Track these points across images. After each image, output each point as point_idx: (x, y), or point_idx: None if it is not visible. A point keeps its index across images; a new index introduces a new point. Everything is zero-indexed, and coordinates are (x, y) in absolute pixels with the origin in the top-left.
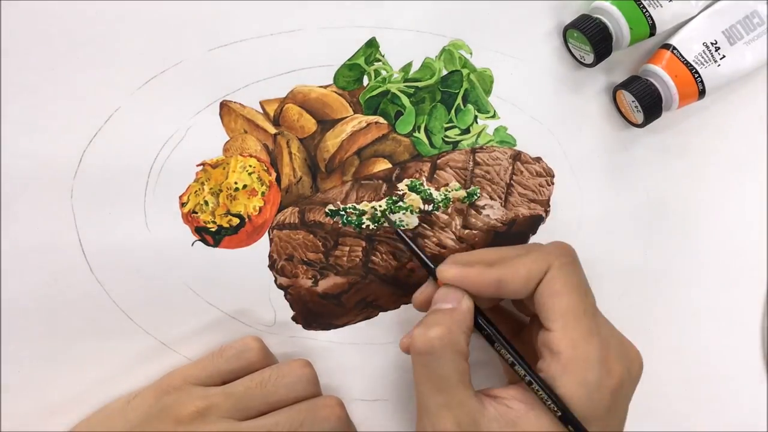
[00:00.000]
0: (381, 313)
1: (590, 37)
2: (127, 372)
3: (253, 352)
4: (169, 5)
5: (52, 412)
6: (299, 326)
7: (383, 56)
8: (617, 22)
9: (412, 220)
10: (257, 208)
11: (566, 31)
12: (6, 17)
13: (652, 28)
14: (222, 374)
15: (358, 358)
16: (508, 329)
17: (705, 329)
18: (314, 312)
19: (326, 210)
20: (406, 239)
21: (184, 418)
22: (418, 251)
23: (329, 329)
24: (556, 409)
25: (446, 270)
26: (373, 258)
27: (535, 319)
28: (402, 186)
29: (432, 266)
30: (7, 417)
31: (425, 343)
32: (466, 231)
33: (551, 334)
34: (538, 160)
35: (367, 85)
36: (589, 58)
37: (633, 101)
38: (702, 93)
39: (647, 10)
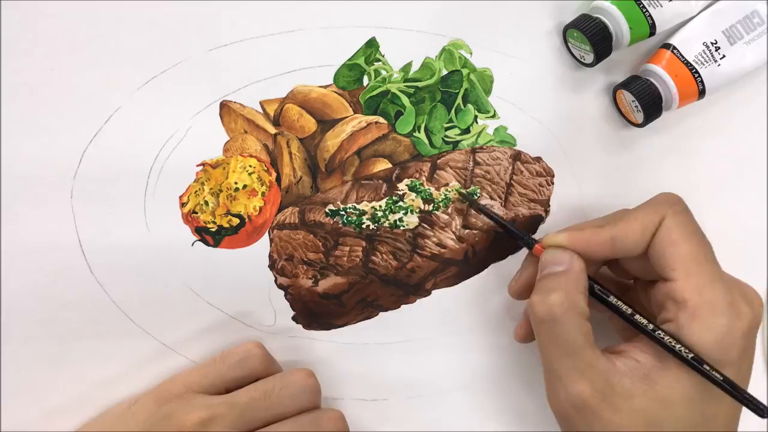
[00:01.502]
0: (381, 313)
1: (590, 37)
2: (126, 372)
3: (257, 360)
4: (169, 5)
5: (52, 413)
6: (299, 326)
7: (383, 56)
8: (617, 21)
9: (412, 220)
10: (257, 208)
11: (566, 31)
12: (6, 17)
13: (652, 27)
14: (225, 382)
15: (358, 358)
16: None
17: None
18: (314, 312)
19: (326, 210)
20: (492, 214)
21: (187, 428)
22: (509, 225)
23: (329, 329)
24: (687, 357)
25: (556, 235)
26: (373, 258)
27: (639, 281)
28: (402, 186)
29: (530, 238)
30: (7, 417)
31: (547, 310)
32: (466, 231)
33: (674, 284)
34: (538, 159)
35: (367, 85)
36: (589, 58)
37: (633, 101)
38: (702, 93)
39: (647, 10)
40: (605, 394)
